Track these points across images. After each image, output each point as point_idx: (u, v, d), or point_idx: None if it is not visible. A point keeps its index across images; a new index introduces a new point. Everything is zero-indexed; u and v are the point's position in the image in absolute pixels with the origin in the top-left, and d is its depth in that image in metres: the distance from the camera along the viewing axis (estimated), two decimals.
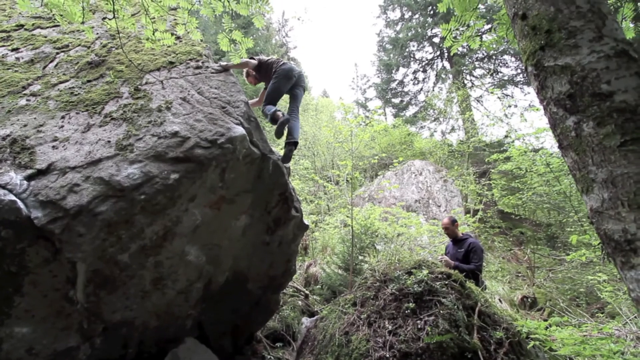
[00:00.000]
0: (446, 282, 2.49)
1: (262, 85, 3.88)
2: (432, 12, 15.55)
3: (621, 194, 0.85)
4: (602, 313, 4.92)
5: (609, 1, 2.24)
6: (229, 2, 2.31)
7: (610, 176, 0.87)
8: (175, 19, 3.41)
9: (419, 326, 2.23)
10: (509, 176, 9.93)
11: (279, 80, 3.43)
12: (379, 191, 9.65)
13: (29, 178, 2.00)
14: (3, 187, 1.90)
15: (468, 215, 9.01)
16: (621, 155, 0.86)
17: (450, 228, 3.91)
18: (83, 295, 2.11)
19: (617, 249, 0.89)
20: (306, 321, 3.60)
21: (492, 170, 10.38)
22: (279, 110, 3.41)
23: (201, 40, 3.20)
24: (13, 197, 1.88)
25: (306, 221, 3.59)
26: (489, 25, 11.34)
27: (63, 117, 2.40)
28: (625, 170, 0.85)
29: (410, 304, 2.45)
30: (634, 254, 0.84)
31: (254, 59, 3.54)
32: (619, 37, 0.96)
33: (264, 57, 3.62)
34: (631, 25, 2.23)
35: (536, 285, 6.91)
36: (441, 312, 2.25)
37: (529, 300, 6.23)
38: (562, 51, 0.96)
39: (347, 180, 9.79)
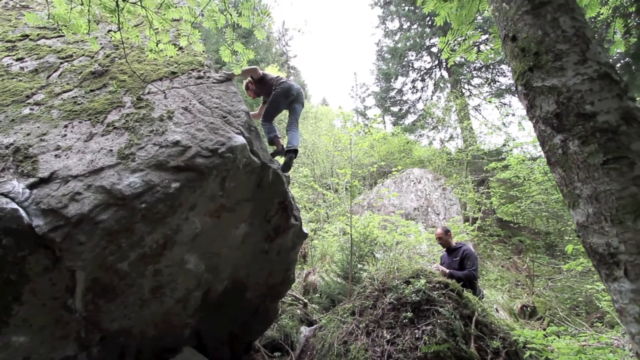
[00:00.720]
0: (444, 292, 2.50)
1: (260, 98, 4.02)
2: (430, 23, 15.79)
3: (604, 209, 0.89)
4: (601, 322, 4.91)
5: (601, 16, 2.32)
6: (231, 15, 2.37)
7: (594, 192, 0.91)
8: (178, 30, 3.47)
9: (417, 335, 2.23)
10: (507, 184, 9.97)
11: (278, 97, 3.57)
12: (378, 199, 9.67)
13: (31, 186, 2.02)
14: (5, 195, 1.92)
15: (467, 223, 9.03)
16: (604, 173, 0.90)
17: (444, 238, 3.95)
18: (82, 303, 2.12)
19: (601, 261, 0.92)
20: (305, 330, 3.59)
21: (491, 179, 10.43)
22: (279, 137, 3.56)
23: (203, 51, 3.26)
24: (15, 206, 1.90)
25: (305, 229, 3.60)
26: (486, 36, 11.52)
27: (66, 126, 2.43)
28: (607, 187, 0.89)
29: (408, 313, 2.46)
30: (617, 267, 0.87)
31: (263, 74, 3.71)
32: (602, 61, 1.00)
33: (267, 73, 3.76)
34: (622, 39, 2.29)
35: (535, 294, 6.89)
36: (439, 321, 2.26)
37: (528, 309, 6.21)
38: (549, 73, 1.01)
39: (346, 188, 9.82)
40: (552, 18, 1.03)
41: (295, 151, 3.44)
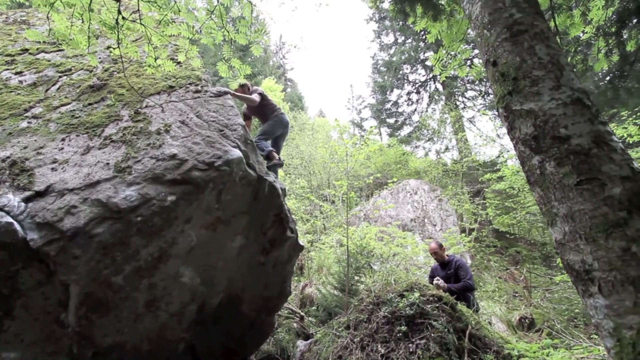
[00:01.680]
0: (437, 305, 2.50)
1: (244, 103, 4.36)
2: (424, 37, 16.15)
3: (579, 228, 0.92)
4: (597, 335, 4.89)
5: (585, 36, 2.41)
6: (228, 32, 2.43)
7: (569, 211, 0.95)
8: (176, 45, 3.54)
9: (411, 349, 2.22)
10: (502, 195, 10.04)
11: (278, 125, 4.05)
12: (375, 210, 9.68)
13: (26, 200, 2.02)
14: (0, 209, 1.92)
15: (463, 234, 9.04)
16: (578, 193, 0.94)
17: (439, 252, 3.98)
18: (75, 318, 2.09)
19: (578, 278, 0.95)
20: (301, 344, 3.55)
21: (486, 190, 10.50)
22: (275, 151, 3.90)
23: (201, 65, 3.32)
24: (10, 219, 1.90)
25: (301, 242, 3.60)
26: (478, 51, 11.77)
27: (63, 140, 2.45)
28: (581, 207, 0.93)
29: (403, 327, 2.44)
30: (592, 283, 0.90)
31: (261, 94, 4.07)
32: (575, 86, 1.06)
33: (266, 95, 4.13)
34: (605, 57, 2.37)
35: (533, 305, 6.85)
36: (432, 335, 2.25)
37: (526, 321, 6.17)
38: (527, 97, 1.06)
39: (342, 200, 9.84)
40: (529, 46, 1.10)
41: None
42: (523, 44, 1.11)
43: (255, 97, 3.94)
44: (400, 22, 16.71)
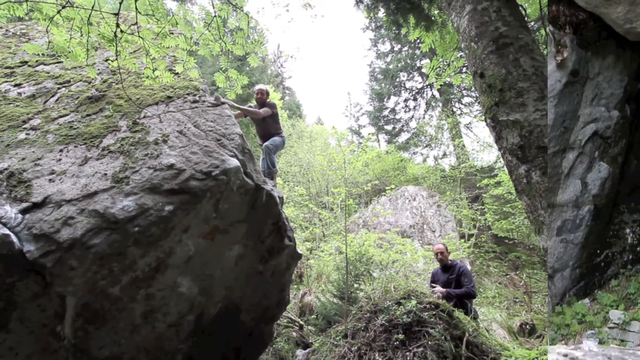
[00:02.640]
0: (434, 313, 2.49)
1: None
2: (419, 45, 16.35)
3: None
4: None
5: None
6: (225, 43, 2.47)
7: None
8: (174, 57, 3.58)
9: (408, 358, 2.21)
10: (501, 200, 10.06)
11: (282, 145, 4.51)
12: (374, 217, 9.67)
13: (23, 211, 2.02)
14: None
15: (462, 240, 9.03)
16: None
17: (445, 254, 3.95)
18: (71, 330, 2.08)
19: None
20: (300, 354, 3.52)
21: (484, 195, 10.52)
22: (277, 172, 4.29)
23: (199, 75, 3.35)
24: (6, 231, 1.90)
25: (300, 250, 3.60)
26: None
27: (61, 151, 2.46)
28: None
29: (400, 335, 2.43)
30: None
31: (274, 109, 4.40)
32: None
33: (278, 116, 4.52)
34: None
35: (534, 311, 6.82)
36: (429, 343, 2.25)
37: (527, 326, 6.13)
38: (513, 108, 1.10)
39: (341, 207, 9.84)
40: (514, 58, 1.14)
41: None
42: (508, 57, 1.16)
43: (262, 111, 4.16)
44: (395, 31, 16.94)
